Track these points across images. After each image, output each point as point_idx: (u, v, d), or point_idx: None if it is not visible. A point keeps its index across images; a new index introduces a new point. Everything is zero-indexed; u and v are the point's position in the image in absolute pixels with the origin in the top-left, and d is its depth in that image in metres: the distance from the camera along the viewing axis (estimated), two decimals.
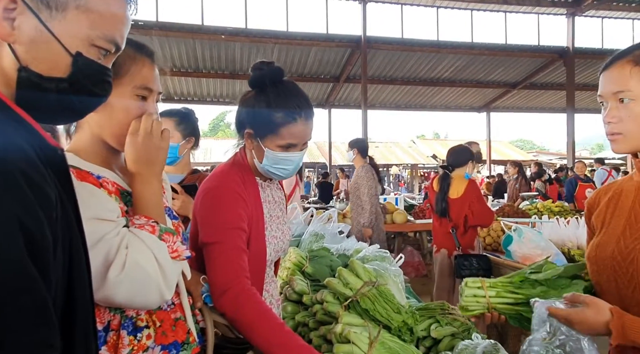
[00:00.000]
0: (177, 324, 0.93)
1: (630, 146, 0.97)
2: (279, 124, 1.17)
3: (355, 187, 4.26)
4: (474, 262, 2.97)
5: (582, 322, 0.94)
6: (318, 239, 2.25)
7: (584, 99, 16.02)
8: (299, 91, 1.23)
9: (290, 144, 1.19)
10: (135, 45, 0.90)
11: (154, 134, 0.89)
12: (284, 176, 1.25)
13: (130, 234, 0.80)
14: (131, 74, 0.88)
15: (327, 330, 1.36)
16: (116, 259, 0.76)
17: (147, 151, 0.88)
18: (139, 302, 0.80)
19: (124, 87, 0.87)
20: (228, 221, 1.14)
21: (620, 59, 0.96)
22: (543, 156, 23.66)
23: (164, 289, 0.81)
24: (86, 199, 0.78)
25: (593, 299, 0.96)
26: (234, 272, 1.10)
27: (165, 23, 10.45)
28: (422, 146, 23.26)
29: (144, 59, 0.91)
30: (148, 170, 0.88)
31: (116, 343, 0.85)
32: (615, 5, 12.40)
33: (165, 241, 0.83)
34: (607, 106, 0.98)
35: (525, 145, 46.86)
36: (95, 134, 0.90)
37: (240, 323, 1.06)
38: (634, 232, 0.96)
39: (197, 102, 15.38)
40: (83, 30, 0.62)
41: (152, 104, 0.92)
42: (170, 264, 0.82)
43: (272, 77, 1.21)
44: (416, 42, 12.19)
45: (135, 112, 0.89)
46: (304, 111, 1.19)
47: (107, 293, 0.76)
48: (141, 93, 0.90)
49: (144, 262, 0.78)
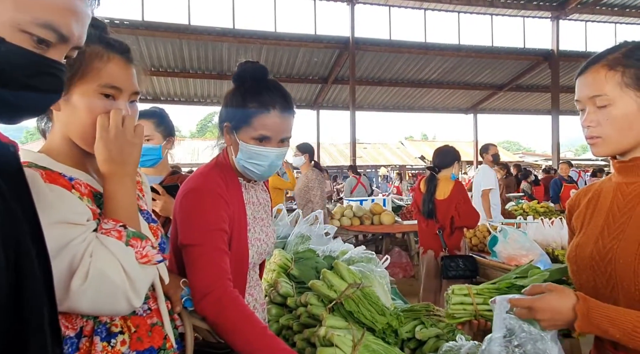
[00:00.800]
0: (153, 329, 0.90)
1: (609, 148, 0.97)
2: (251, 114, 1.16)
3: (305, 190, 4.40)
4: (460, 263, 2.98)
5: (546, 309, 0.91)
6: (304, 241, 2.24)
7: (569, 101, 16.22)
8: (278, 87, 1.21)
9: (262, 136, 1.16)
10: (105, 42, 0.87)
11: (127, 130, 0.84)
12: (259, 172, 1.20)
13: (95, 240, 0.77)
14: (96, 71, 0.84)
15: (311, 333, 1.35)
16: (79, 268, 0.73)
17: (120, 149, 0.84)
18: (106, 310, 0.77)
19: (88, 85, 0.84)
20: (209, 223, 1.11)
21: (594, 64, 0.98)
22: (529, 157, 24.04)
23: (132, 297, 0.78)
24: (54, 201, 0.75)
25: (556, 286, 0.95)
26: (215, 274, 1.07)
27: (151, 22, 10.34)
28: (411, 147, 23.43)
29: (113, 56, 0.86)
30: (121, 169, 0.84)
31: (89, 350, 0.82)
32: (599, 9, 12.67)
33: (133, 246, 0.80)
34: (585, 110, 0.99)
35: (511, 146, 47.57)
36: (64, 134, 0.87)
37: (221, 327, 1.04)
38: (612, 232, 0.97)
39: (184, 103, 15.25)
40: (6, 12, 0.55)
41: (122, 104, 0.87)
42: (138, 271, 0.79)
43: (253, 73, 1.20)
44: (404, 44, 12.28)
45: (100, 111, 0.84)
46: (278, 104, 1.17)
47: (70, 304, 0.73)
48: (107, 91, 0.85)
49: (108, 271, 0.75)
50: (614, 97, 0.93)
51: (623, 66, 0.93)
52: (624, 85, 0.93)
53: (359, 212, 5.66)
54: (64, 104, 0.84)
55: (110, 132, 0.83)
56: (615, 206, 0.99)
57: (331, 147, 21.84)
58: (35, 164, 0.82)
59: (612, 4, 12.56)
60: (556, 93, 12.79)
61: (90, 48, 0.84)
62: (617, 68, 0.94)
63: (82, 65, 0.83)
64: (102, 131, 0.83)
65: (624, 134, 0.94)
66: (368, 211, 5.74)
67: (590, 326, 0.88)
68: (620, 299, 0.93)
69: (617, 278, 0.92)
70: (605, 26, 13.79)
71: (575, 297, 0.90)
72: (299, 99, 15.45)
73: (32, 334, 0.55)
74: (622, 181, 1.00)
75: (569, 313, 0.89)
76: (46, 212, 0.73)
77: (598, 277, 0.97)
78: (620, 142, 0.95)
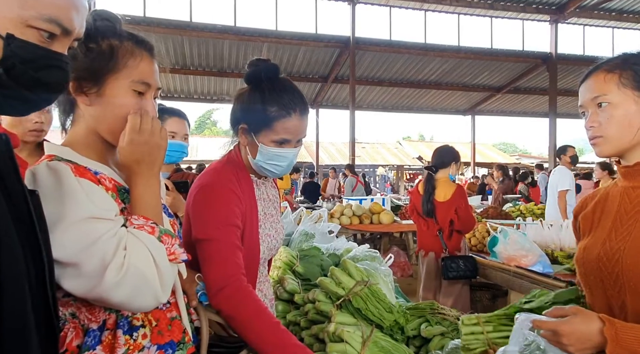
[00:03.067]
0: (173, 323, 0.92)
1: (611, 148, 1.02)
2: (273, 118, 1.16)
3: None
4: (461, 263, 3.00)
5: (572, 333, 0.87)
6: (308, 239, 2.26)
7: (566, 104, 16.39)
8: (294, 87, 1.22)
9: (284, 140, 1.18)
10: (134, 39, 0.89)
11: (155, 132, 0.87)
12: (277, 172, 1.23)
13: (129, 234, 0.78)
14: (129, 68, 0.86)
15: (319, 329, 1.37)
16: (114, 260, 0.73)
17: (149, 151, 0.86)
18: (135, 305, 0.78)
19: (121, 81, 0.85)
20: (222, 218, 1.13)
21: (595, 71, 1.04)
22: (525, 159, 24.14)
23: (160, 293, 0.79)
24: (84, 196, 0.76)
25: (579, 308, 0.93)
26: (230, 269, 1.09)
27: (152, 19, 10.29)
28: (408, 148, 23.47)
29: (143, 53, 0.89)
30: (149, 170, 0.86)
31: (112, 343, 0.83)
32: (597, 13, 12.73)
33: (164, 243, 0.81)
34: (588, 113, 1.04)
35: (508, 148, 47.72)
36: (90, 128, 0.88)
37: (235, 320, 1.05)
38: (619, 234, 1.00)
39: (184, 100, 15.20)
40: (13, 9, 0.57)
41: (150, 99, 0.90)
42: (168, 267, 0.80)
43: (268, 72, 1.20)
44: (404, 45, 12.30)
45: (132, 107, 0.86)
46: (299, 107, 1.18)
47: (103, 294, 0.74)
48: (139, 88, 0.87)
49: (142, 265, 0.76)
50: (613, 97, 0.99)
51: (620, 69, 1.00)
52: (622, 85, 0.99)
53: (358, 211, 5.68)
54: (96, 98, 0.86)
55: (142, 135, 0.85)
56: (622, 209, 1.02)
57: (330, 146, 21.86)
58: (61, 157, 0.83)
59: (611, 8, 12.63)
60: (554, 96, 12.86)
61: (123, 44, 0.86)
62: (615, 71, 1.01)
63: (115, 61, 0.85)
64: (132, 132, 0.84)
65: (624, 131, 0.99)
66: (367, 210, 5.77)
67: (621, 349, 0.84)
68: (628, 299, 0.95)
69: (625, 278, 0.95)
70: (603, 30, 13.88)
71: (600, 320, 0.87)
72: None
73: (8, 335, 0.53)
74: (629, 185, 1.04)
75: (597, 337, 0.86)
76: (77, 207, 0.74)
77: (605, 278, 0.99)
78: (621, 140, 1.00)
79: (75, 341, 0.84)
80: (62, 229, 0.72)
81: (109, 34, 0.87)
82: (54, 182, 0.75)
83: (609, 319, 0.88)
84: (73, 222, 0.73)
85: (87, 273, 0.72)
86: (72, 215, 0.73)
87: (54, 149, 0.86)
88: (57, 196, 0.74)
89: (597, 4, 12.00)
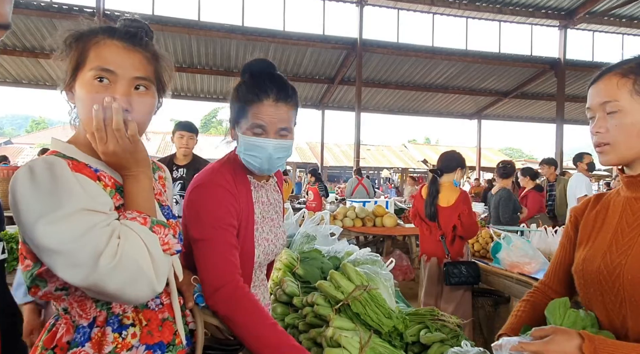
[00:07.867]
0: (164, 324, 0.91)
1: (617, 156, 0.97)
2: (246, 103, 1.14)
3: None
4: (463, 269, 2.97)
5: (557, 351, 0.86)
6: (309, 241, 2.24)
7: (573, 111, 16.29)
8: (277, 78, 1.18)
9: (257, 125, 1.14)
10: (109, 30, 0.86)
11: (123, 135, 0.82)
12: (257, 165, 1.17)
13: (122, 226, 0.78)
14: (90, 58, 0.84)
15: (317, 333, 1.35)
16: (107, 247, 0.73)
17: (125, 156, 0.84)
18: (132, 294, 0.76)
19: (85, 72, 0.84)
20: (218, 217, 1.12)
21: (608, 73, 0.98)
22: (531, 165, 23.97)
23: (155, 282, 0.78)
24: (80, 189, 0.77)
25: (559, 328, 0.91)
26: (227, 269, 1.07)
27: (161, 17, 10.36)
28: (413, 151, 23.42)
29: (110, 41, 0.85)
30: (136, 168, 0.86)
31: (100, 340, 0.83)
32: (606, 20, 12.64)
33: (157, 233, 0.81)
34: (595, 117, 1.00)
35: (514, 153, 47.47)
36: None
37: (232, 321, 1.04)
38: (620, 247, 0.96)
39: (190, 98, 15.27)
40: None
41: (121, 89, 0.83)
42: (161, 257, 0.80)
43: (256, 67, 1.19)
44: (411, 47, 12.27)
45: (94, 96, 0.81)
46: (272, 92, 1.13)
47: (98, 282, 0.73)
48: (100, 75, 0.82)
49: (136, 254, 0.76)
50: (624, 104, 0.94)
51: (635, 75, 0.94)
52: (635, 92, 0.94)
53: (361, 214, 5.66)
54: (71, 97, 0.86)
55: (109, 144, 0.81)
56: (624, 220, 0.99)
57: (335, 147, 21.85)
58: (64, 154, 0.84)
59: (620, 15, 12.54)
60: (561, 102, 12.77)
61: (93, 39, 0.85)
62: (630, 76, 0.95)
63: (83, 56, 0.84)
64: (100, 142, 0.82)
65: (632, 141, 0.94)
66: (370, 212, 5.74)
67: None
68: (628, 315, 0.93)
69: (625, 294, 0.92)
70: (612, 37, 13.77)
71: (579, 337, 0.86)
72: (304, 98, 15.46)
73: None
74: (631, 196, 1.00)
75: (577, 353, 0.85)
76: (71, 199, 0.74)
77: (606, 292, 0.97)
78: (628, 149, 0.96)
79: (65, 337, 0.84)
80: (57, 219, 0.72)
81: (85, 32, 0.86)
82: (50, 176, 0.76)
83: (589, 335, 0.86)
84: (68, 213, 0.73)
85: (81, 260, 0.71)
86: (68, 206, 0.73)
87: (59, 145, 0.87)
88: (52, 188, 0.74)
89: (607, 10, 11.91)
